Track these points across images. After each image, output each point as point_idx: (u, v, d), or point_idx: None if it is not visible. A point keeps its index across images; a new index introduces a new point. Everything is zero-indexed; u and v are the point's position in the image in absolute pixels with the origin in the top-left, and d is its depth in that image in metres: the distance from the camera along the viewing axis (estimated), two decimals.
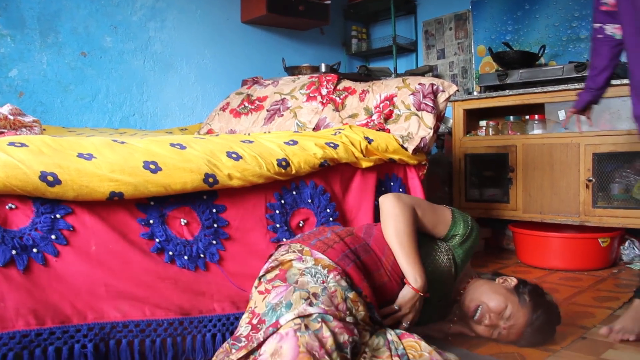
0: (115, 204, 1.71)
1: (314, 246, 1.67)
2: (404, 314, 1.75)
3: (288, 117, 2.93)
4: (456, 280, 1.94)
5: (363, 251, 1.76)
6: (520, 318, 1.85)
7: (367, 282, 1.65)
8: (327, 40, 4.91)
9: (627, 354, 1.84)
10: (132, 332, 1.65)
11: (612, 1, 2.06)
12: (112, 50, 3.57)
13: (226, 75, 4.14)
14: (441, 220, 1.91)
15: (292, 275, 1.57)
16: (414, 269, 1.75)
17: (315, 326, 1.38)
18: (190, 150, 1.87)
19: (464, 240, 1.91)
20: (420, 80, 2.71)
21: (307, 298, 1.47)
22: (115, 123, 3.57)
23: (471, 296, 1.91)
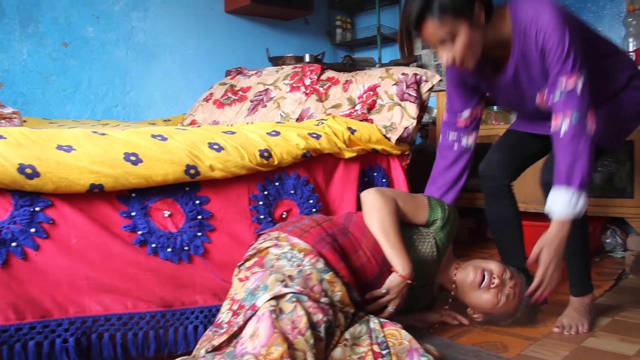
0: (95, 196, 1.70)
1: (290, 232, 1.70)
2: (391, 299, 1.78)
3: (271, 107, 2.93)
4: (439, 264, 1.96)
5: (340, 234, 1.78)
6: (518, 277, 1.95)
7: (344, 263, 1.67)
8: (312, 30, 4.89)
9: (606, 341, 1.87)
10: (114, 325, 1.64)
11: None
12: (94, 40, 3.54)
13: (210, 66, 4.11)
14: (420, 207, 1.95)
15: (268, 260, 1.59)
16: (401, 257, 1.78)
17: (290, 307, 1.42)
18: (172, 142, 1.86)
19: (444, 223, 1.95)
20: (404, 70, 2.71)
21: (283, 280, 1.50)
22: (97, 114, 3.54)
23: (469, 268, 1.95)
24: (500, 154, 2.18)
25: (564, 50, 1.74)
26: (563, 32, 1.74)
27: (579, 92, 1.75)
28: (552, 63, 1.78)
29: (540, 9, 1.77)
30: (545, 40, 1.76)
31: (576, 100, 1.75)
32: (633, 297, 2.38)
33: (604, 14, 3.62)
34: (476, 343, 1.88)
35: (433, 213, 1.95)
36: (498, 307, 1.92)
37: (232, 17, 4.30)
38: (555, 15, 1.75)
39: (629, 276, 2.77)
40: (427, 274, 1.92)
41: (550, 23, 1.75)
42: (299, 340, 1.36)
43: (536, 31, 1.78)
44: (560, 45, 1.74)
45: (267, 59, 4.04)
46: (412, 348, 1.49)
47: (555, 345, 1.84)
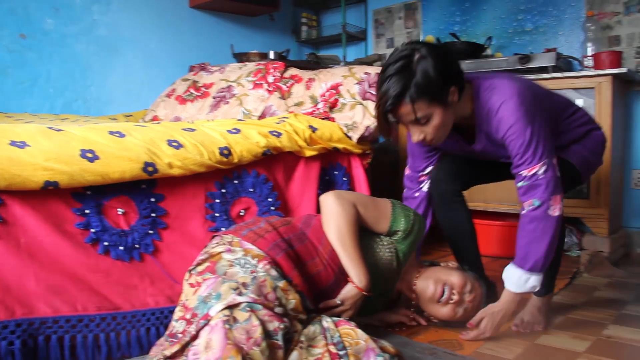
0: (49, 194, 1.67)
1: (244, 237, 1.67)
2: (345, 310, 1.78)
3: (234, 104, 2.91)
4: (399, 274, 1.95)
5: (297, 240, 1.76)
6: (478, 289, 1.96)
7: (298, 270, 1.66)
8: (277, 27, 4.87)
9: (558, 339, 1.91)
10: (63, 327, 1.61)
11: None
12: (54, 32, 3.46)
13: (173, 61, 4.06)
14: (382, 215, 1.91)
15: (221, 267, 1.56)
16: (357, 268, 1.77)
17: (244, 316, 1.39)
18: (130, 139, 1.84)
19: (406, 235, 1.92)
20: (366, 69, 2.72)
21: (237, 288, 1.47)
22: (57, 108, 3.47)
23: (429, 281, 1.94)
24: (453, 164, 2.21)
25: (523, 144, 1.77)
26: (524, 125, 1.77)
27: (541, 179, 1.78)
28: (512, 155, 1.82)
29: (503, 99, 1.80)
30: (507, 135, 1.80)
31: (538, 189, 1.79)
32: (586, 295, 2.44)
33: (565, 18, 3.68)
34: (433, 341, 1.90)
35: (395, 223, 1.91)
36: (455, 318, 1.95)
37: (196, 12, 4.25)
38: (517, 107, 1.78)
39: (583, 275, 2.83)
40: (385, 283, 1.92)
41: (511, 117, 1.78)
42: (254, 351, 1.34)
43: (497, 123, 1.82)
44: (520, 140, 1.78)
45: (232, 55, 4.02)
46: (368, 348, 1.49)
47: (509, 343, 1.87)
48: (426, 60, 1.72)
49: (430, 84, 1.72)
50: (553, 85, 3.17)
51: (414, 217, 1.95)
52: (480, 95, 1.86)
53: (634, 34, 3.40)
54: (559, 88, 3.15)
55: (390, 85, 1.72)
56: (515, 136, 1.78)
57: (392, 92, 1.71)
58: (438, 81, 1.73)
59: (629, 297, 2.40)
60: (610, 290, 2.53)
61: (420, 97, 1.71)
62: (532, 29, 3.83)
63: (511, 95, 1.80)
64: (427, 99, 1.72)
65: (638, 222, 3.45)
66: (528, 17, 3.85)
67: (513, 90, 1.81)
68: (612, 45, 3.46)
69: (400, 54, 1.75)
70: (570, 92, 3.13)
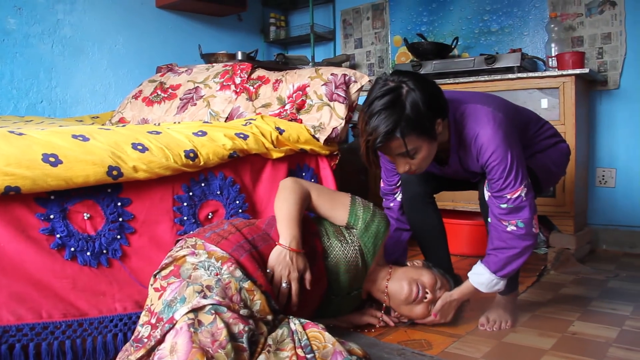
0: (11, 199, 1.63)
1: (208, 239, 1.67)
2: (279, 274, 1.74)
3: (201, 106, 2.89)
4: (365, 274, 1.95)
5: (261, 240, 1.76)
6: (446, 284, 2.00)
7: (262, 271, 1.66)
8: (245, 27, 4.85)
9: (525, 337, 1.94)
10: (27, 335, 1.58)
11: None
12: (17, 33, 3.40)
13: (140, 62, 4.02)
14: (338, 205, 1.94)
15: (185, 270, 1.55)
16: (284, 227, 1.77)
17: (209, 319, 1.39)
18: (94, 142, 1.81)
19: (367, 224, 1.92)
20: (333, 70, 2.72)
21: (201, 291, 1.46)
22: (21, 110, 3.40)
23: (403, 282, 1.95)
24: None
25: (505, 169, 1.81)
26: (505, 152, 1.80)
27: (525, 202, 1.83)
28: (494, 180, 1.85)
29: (481, 127, 1.82)
30: (489, 161, 1.82)
31: (522, 211, 1.84)
32: (553, 293, 2.48)
33: (529, 19, 3.73)
34: (401, 341, 1.91)
35: (354, 213, 1.93)
36: (428, 317, 1.98)
37: (163, 12, 4.21)
38: (495, 133, 1.80)
39: (550, 272, 2.87)
40: (351, 282, 1.92)
41: (491, 144, 1.81)
42: (219, 354, 1.33)
43: (477, 151, 1.85)
44: (502, 165, 1.81)
45: (200, 55, 3.99)
46: (335, 351, 1.48)
47: (477, 342, 1.89)
48: (415, 93, 1.71)
49: (420, 118, 1.71)
50: (518, 85, 3.21)
51: (374, 208, 1.97)
52: (456, 122, 1.88)
53: (596, 35, 3.46)
54: (524, 88, 3.20)
55: (380, 122, 1.70)
56: (497, 162, 1.81)
57: (383, 128, 1.69)
58: (427, 115, 1.73)
59: (594, 294, 2.44)
60: (576, 287, 2.57)
61: (410, 132, 1.71)
62: (497, 29, 3.87)
63: (487, 122, 1.82)
64: (416, 133, 1.72)
65: (603, 220, 3.51)
66: (494, 18, 3.89)
67: (488, 116, 1.83)
68: (575, 46, 3.52)
69: (386, 88, 1.74)
70: (535, 91, 3.18)
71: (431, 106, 1.74)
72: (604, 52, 3.44)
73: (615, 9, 3.40)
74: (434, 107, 1.76)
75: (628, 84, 3.40)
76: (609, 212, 3.49)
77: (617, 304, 2.28)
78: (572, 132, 3.09)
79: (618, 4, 3.38)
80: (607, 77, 3.43)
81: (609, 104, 3.47)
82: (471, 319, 2.12)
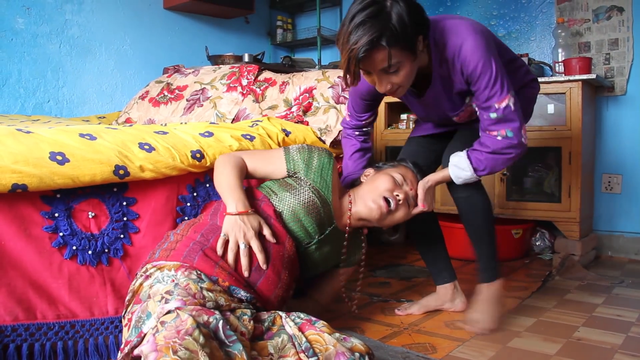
0: (17, 197, 1.63)
1: (157, 258, 1.60)
2: (234, 239, 1.65)
3: (208, 107, 2.90)
4: (329, 208, 1.88)
5: (211, 232, 1.69)
6: (408, 172, 2.00)
7: (221, 266, 1.59)
8: (252, 29, 4.86)
9: (530, 342, 1.93)
10: (21, 336, 1.59)
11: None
12: (25, 32, 3.42)
13: (147, 63, 4.03)
14: (273, 158, 1.90)
15: (143, 294, 1.49)
16: (230, 196, 1.72)
17: (171, 316, 1.31)
18: (101, 141, 1.81)
19: (307, 162, 1.88)
20: (340, 73, 2.72)
21: (162, 299, 1.40)
22: (28, 109, 3.42)
23: (367, 201, 1.90)
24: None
25: (491, 77, 1.78)
26: (489, 61, 1.78)
27: (513, 110, 1.82)
28: (481, 90, 1.82)
29: (462, 39, 1.79)
30: (471, 71, 1.80)
31: (512, 122, 1.83)
32: (558, 298, 2.47)
33: (536, 24, 3.73)
34: (405, 345, 1.90)
35: (290, 159, 1.88)
36: (412, 213, 1.98)
37: (171, 13, 4.23)
38: (478, 44, 1.78)
39: (555, 278, 2.86)
40: (319, 221, 1.85)
41: (475, 54, 1.78)
42: (187, 340, 1.22)
43: (461, 63, 1.82)
44: (487, 74, 1.78)
45: (206, 57, 4.00)
46: (338, 352, 1.45)
47: (482, 346, 1.89)
48: (399, 5, 1.64)
49: (405, 29, 1.65)
50: None
51: (309, 147, 1.92)
52: (436, 41, 1.83)
53: (603, 40, 3.45)
54: None
55: (365, 31, 1.62)
56: (481, 71, 1.78)
57: (367, 38, 1.61)
58: (412, 28, 1.67)
59: (599, 300, 2.43)
60: (581, 293, 2.57)
61: (396, 43, 1.64)
62: (504, 34, 3.87)
63: (469, 33, 1.79)
64: (401, 45, 1.66)
65: (608, 226, 3.50)
66: (501, 23, 3.89)
67: (469, 29, 1.80)
68: (582, 51, 3.51)
69: (368, 1, 1.65)
70: (542, 97, 3.17)
71: (415, 20, 1.68)
72: (611, 58, 3.43)
73: (623, 15, 3.39)
74: (417, 22, 1.70)
75: (635, 90, 3.39)
76: (614, 218, 3.48)
77: (623, 310, 2.27)
78: (578, 138, 3.09)
79: (625, 10, 3.38)
80: (613, 83, 3.42)
81: (615, 110, 3.46)
82: None
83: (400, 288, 2.65)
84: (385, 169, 2.00)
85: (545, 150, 3.26)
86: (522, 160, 3.31)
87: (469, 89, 1.88)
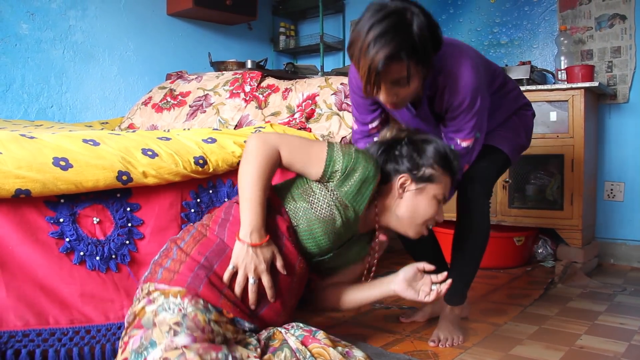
0: (21, 202, 1.63)
1: (160, 280, 1.50)
2: (244, 272, 1.53)
3: (210, 113, 2.90)
4: (356, 221, 1.74)
5: (216, 257, 1.56)
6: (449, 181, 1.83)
7: (226, 295, 1.51)
8: (255, 36, 4.87)
9: (532, 349, 1.92)
10: (34, 341, 1.57)
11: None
12: (29, 38, 3.43)
13: (150, 69, 4.04)
14: (314, 158, 1.65)
15: (147, 320, 1.41)
16: (247, 217, 1.54)
17: (176, 353, 1.28)
18: (104, 147, 1.81)
19: (345, 175, 1.64)
20: (343, 80, 2.73)
21: (170, 329, 1.35)
22: (31, 115, 3.43)
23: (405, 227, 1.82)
24: None
25: (467, 116, 1.82)
26: (475, 99, 1.79)
27: (472, 151, 1.93)
28: (454, 122, 1.87)
29: (459, 69, 1.77)
30: (457, 104, 1.81)
31: (465, 158, 1.93)
32: (560, 306, 2.46)
33: (539, 32, 3.74)
34: (408, 352, 1.90)
35: (331, 163, 1.64)
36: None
37: (174, 20, 4.24)
38: (473, 79, 1.76)
39: (557, 285, 2.86)
40: (338, 238, 1.71)
41: (465, 88, 1.77)
42: None
43: (449, 92, 1.80)
44: (468, 113, 1.82)
45: (209, 63, 4.00)
46: None
47: (483, 354, 1.88)
48: (420, 18, 1.60)
49: (425, 44, 1.61)
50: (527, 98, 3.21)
51: (355, 153, 1.66)
52: (436, 57, 1.76)
53: (606, 48, 3.46)
54: (533, 100, 3.18)
55: (386, 43, 1.56)
56: (464, 107, 1.80)
57: (388, 50, 1.56)
58: (430, 43, 1.64)
59: (602, 308, 2.43)
60: (583, 301, 2.56)
61: (414, 57, 1.60)
62: (507, 41, 3.88)
63: (466, 66, 1.76)
64: (418, 59, 1.62)
65: (611, 233, 3.50)
66: (503, 30, 3.90)
67: (467, 60, 1.78)
68: (584, 59, 3.52)
69: (387, 11, 1.59)
70: (544, 104, 3.18)
71: (433, 36, 1.65)
72: (614, 65, 3.44)
73: (625, 23, 3.40)
74: (434, 38, 1.66)
75: (637, 98, 3.39)
76: (617, 226, 3.48)
77: (625, 318, 2.27)
78: (580, 145, 3.09)
79: (628, 18, 3.39)
80: (616, 90, 3.43)
81: (618, 118, 3.47)
82: (479, 330, 2.11)
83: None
84: (427, 185, 1.77)
85: (548, 158, 3.26)
86: (525, 168, 3.32)
87: (445, 114, 1.90)
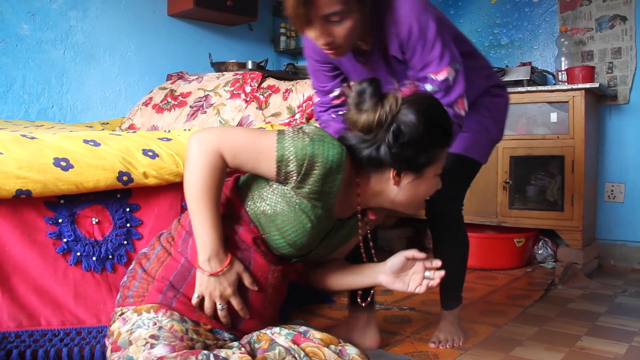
0: (21, 202, 1.63)
1: (131, 303, 1.43)
2: (210, 301, 1.42)
3: (211, 114, 2.90)
4: (333, 213, 1.49)
5: (181, 279, 1.44)
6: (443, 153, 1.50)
7: (200, 309, 1.44)
8: (256, 36, 4.87)
9: (533, 351, 1.92)
10: (25, 342, 1.58)
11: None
12: (30, 38, 3.43)
13: (151, 69, 4.04)
14: (263, 157, 1.37)
15: (123, 341, 1.34)
16: (202, 242, 1.38)
17: None
18: (105, 148, 1.81)
19: (303, 175, 1.35)
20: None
21: (146, 343, 1.29)
22: (32, 115, 3.43)
23: (406, 206, 1.52)
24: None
25: (427, 42, 1.61)
26: (426, 22, 1.61)
27: (452, 85, 1.64)
28: (415, 56, 1.65)
29: (401, 1, 1.63)
30: (405, 33, 1.62)
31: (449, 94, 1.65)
32: (561, 307, 2.46)
33: (539, 33, 3.74)
34: (408, 353, 1.90)
35: (283, 165, 1.35)
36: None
37: (174, 20, 4.24)
38: (415, 4, 1.62)
39: (558, 286, 2.86)
40: (315, 237, 1.49)
41: (410, 14, 1.61)
42: None
43: (394, 24, 1.64)
44: (422, 38, 1.61)
45: (210, 64, 4.01)
46: None
47: (484, 355, 1.88)
48: None
49: None
50: (528, 99, 3.22)
51: (311, 143, 1.34)
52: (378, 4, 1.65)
53: (606, 49, 3.46)
54: (533, 101, 3.20)
55: None
56: (416, 33, 1.60)
57: None
58: None
59: (602, 309, 2.43)
60: (584, 302, 2.56)
61: None
62: (507, 42, 3.88)
63: None
64: None
65: (611, 235, 3.50)
66: (504, 31, 3.90)
67: None
68: (585, 60, 3.52)
69: None
70: (545, 105, 3.18)
71: None
72: (614, 66, 3.44)
73: (626, 24, 3.40)
74: None
75: (638, 99, 3.39)
76: (617, 227, 3.48)
77: (626, 319, 2.27)
78: (581, 147, 3.09)
79: (629, 19, 3.39)
80: (616, 91, 3.43)
81: (618, 119, 3.47)
82: (479, 331, 2.11)
83: (403, 296, 2.64)
84: (425, 169, 1.45)
85: (548, 159, 3.26)
86: (525, 169, 3.32)
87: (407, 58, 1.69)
